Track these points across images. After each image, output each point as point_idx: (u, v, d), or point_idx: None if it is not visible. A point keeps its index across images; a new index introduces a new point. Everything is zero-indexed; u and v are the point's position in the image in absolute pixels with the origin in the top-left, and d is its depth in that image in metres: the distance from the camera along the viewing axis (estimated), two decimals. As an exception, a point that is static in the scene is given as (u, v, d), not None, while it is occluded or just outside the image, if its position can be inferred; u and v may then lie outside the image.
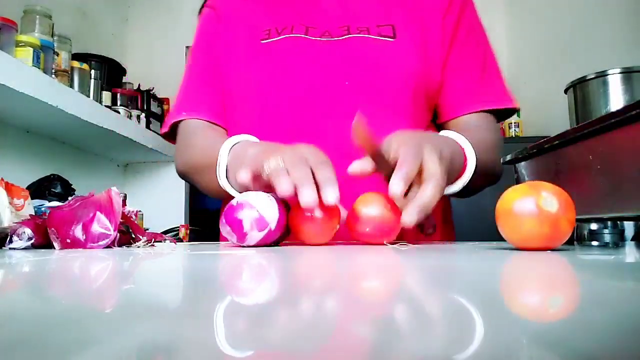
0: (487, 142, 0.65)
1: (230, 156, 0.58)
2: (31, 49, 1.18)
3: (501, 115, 0.75)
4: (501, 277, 0.25)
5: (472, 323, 0.13)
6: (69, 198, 0.82)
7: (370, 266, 0.31)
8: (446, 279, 0.25)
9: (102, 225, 0.50)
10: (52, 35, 1.36)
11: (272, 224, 0.48)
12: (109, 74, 1.85)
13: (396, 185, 0.43)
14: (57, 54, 1.36)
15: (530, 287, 0.21)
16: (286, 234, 0.53)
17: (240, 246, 0.49)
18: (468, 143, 0.58)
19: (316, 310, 0.16)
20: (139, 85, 2.07)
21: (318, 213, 0.49)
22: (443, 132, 0.60)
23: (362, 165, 0.48)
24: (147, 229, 0.81)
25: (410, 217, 0.43)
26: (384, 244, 0.50)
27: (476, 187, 0.66)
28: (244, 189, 0.51)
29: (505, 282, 0.23)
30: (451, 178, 0.54)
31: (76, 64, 1.48)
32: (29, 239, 0.50)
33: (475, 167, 0.58)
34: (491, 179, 0.70)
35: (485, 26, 0.80)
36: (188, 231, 1.95)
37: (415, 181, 0.46)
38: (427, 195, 0.44)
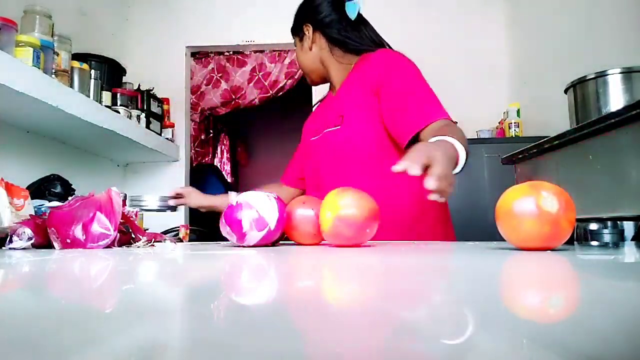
0: (458, 132, 0.82)
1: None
2: (31, 49, 1.18)
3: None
4: (501, 277, 0.25)
5: (472, 323, 0.13)
6: (69, 198, 0.82)
7: (372, 266, 0.31)
8: (446, 278, 0.25)
9: (102, 225, 0.50)
10: (52, 35, 1.36)
11: (272, 224, 0.48)
12: (109, 74, 1.85)
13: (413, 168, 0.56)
14: (57, 54, 1.36)
15: (531, 287, 0.21)
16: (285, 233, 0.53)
17: (241, 246, 0.49)
18: (453, 139, 0.74)
19: (316, 310, 0.16)
20: (139, 85, 2.07)
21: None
22: (436, 139, 0.76)
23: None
24: (147, 229, 0.81)
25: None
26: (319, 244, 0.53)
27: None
28: None
29: (506, 282, 0.23)
30: (452, 163, 0.70)
31: (76, 64, 1.48)
32: (29, 239, 0.50)
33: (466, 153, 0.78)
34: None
35: (485, 26, 0.85)
36: (188, 231, 1.95)
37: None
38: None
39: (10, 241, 0.50)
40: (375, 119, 1.00)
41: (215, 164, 3.65)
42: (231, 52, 3.16)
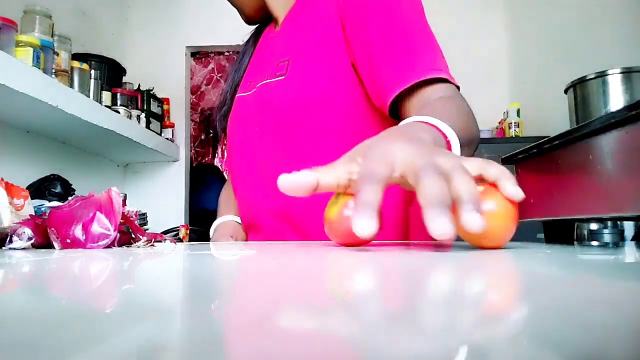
0: (457, 112, 0.55)
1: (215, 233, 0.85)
2: (31, 49, 1.18)
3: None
4: (500, 277, 0.25)
5: (471, 322, 0.13)
6: (69, 198, 0.82)
7: (368, 265, 0.31)
8: (448, 278, 0.25)
9: (102, 225, 0.50)
10: (52, 35, 1.36)
11: None
12: (109, 74, 1.85)
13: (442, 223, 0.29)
14: (57, 54, 1.36)
15: (530, 287, 0.21)
16: None
17: (239, 246, 0.49)
18: (446, 126, 0.47)
19: (314, 310, 0.16)
20: (139, 85, 2.07)
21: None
22: (413, 119, 0.48)
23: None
24: (147, 229, 0.81)
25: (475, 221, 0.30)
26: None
27: None
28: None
29: (505, 282, 0.23)
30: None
31: (76, 64, 1.48)
32: (29, 239, 0.50)
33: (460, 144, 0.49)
34: (473, 145, 0.59)
35: (485, 26, 0.79)
36: (188, 231, 1.95)
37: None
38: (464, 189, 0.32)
39: (10, 241, 0.50)
40: (342, 65, 0.67)
41: (215, 164, 3.65)
42: (231, 52, 3.16)
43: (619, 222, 0.97)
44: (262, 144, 0.73)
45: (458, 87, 0.63)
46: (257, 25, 0.90)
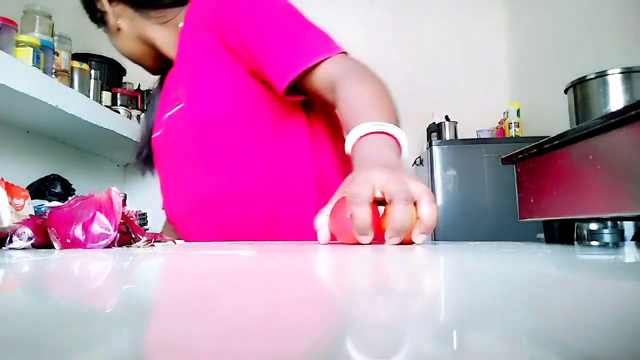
0: (378, 97, 0.58)
1: None
2: (31, 49, 1.18)
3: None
4: (499, 277, 0.25)
5: (469, 322, 0.13)
6: (69, 198, 0.82)
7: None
8: (451, 278, 0.25)
9: (102, 225, 0.50)
10: (52, 35, 1.36)
11: None
12: (109, 74, 1.85)
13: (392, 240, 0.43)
14: (57, 54, 1.36)
15: (529, 287, 0.21)
16: None
17: (239, 245, 0.49)
18: (393, 128, 0.52)
19: (312, 310, 0.16)
20: (139, 85, 2.07)
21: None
22: (360, 131, 0.52)
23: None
24: (147, 229, 0.81)
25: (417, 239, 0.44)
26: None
27: None
28: None
29: (504, 281, 0.23)
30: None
31: (76, 64, 1.48)
32: (29, 239, 0.50)
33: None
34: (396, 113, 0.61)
35: (485, 26, 0.79)
36: (188, 231, 1.94)
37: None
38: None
39: (10, 241, 0.50)
40: (232, 74, 0.69)
41: (215, 164, 3.64)
42: (231, 52, 3.15)
43: (619, 222, 0.97)
44: (191, 171, 0.74)
45: (345, 52, 0.65)
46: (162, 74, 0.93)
